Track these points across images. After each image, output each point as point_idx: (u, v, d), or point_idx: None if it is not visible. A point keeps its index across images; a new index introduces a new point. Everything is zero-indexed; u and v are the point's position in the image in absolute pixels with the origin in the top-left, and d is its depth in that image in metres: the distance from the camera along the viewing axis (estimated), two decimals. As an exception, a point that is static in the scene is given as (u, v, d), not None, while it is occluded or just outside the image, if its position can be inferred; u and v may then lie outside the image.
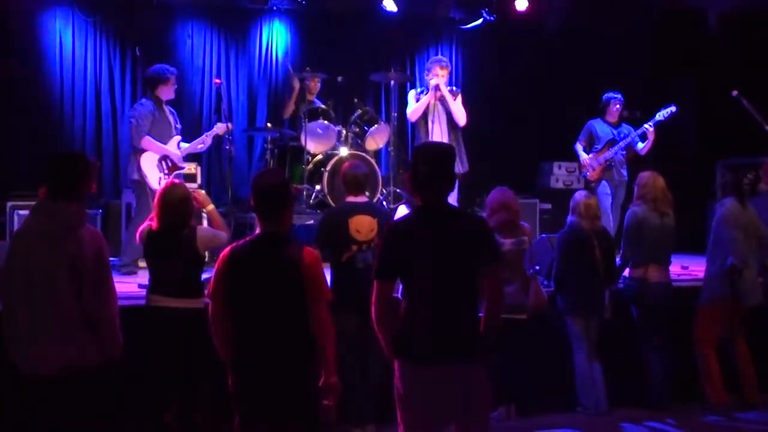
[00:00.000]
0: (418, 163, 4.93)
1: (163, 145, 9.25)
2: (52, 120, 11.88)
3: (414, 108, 10.15)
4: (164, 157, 9.29)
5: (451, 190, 4.96)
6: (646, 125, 10.62)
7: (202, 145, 9.73)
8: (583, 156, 10.92)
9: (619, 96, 10.94)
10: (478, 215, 5.70)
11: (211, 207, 6.90)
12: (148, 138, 9.18)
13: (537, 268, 7.89)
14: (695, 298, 8.32)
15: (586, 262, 7.83)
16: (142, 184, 9.24)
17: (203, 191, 7.09)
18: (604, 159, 10.78)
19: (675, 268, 9.24)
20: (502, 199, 7.40)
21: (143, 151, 9.21)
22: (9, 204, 9.82)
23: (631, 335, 8.23)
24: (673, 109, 10.59)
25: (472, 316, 4.84)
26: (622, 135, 10.82)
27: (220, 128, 9.74)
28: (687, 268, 10.19)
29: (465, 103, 10.29)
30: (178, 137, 9.51)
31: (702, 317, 8.13)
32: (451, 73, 12.92)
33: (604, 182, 10.79)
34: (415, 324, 4.79)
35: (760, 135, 9.83)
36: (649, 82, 12.79)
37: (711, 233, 8.17)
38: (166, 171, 9.25)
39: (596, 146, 10.90)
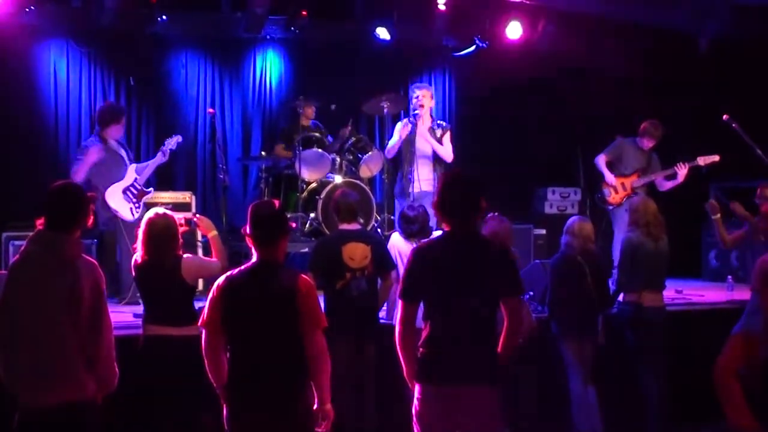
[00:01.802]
0: (445, 189, 5.10)
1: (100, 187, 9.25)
2: (47, 151, 11.88)
3: (389, 146, 10.17)
4: (128, 188, 9.37)
5: (478, 217, 5.12)
6: (680, 164, 10.47)
7: (163, 158, 9.78)
8: (610, 175, 10.72)
9: (659, 126, 10.67)
10: (503, 244, 5.80)
11: (213, 233, 6.83)
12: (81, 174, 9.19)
13: (531, 293, 7.91)
14: (689, 322, 8.34)
15: (578, 287, 7.84)
16: (115, 219, 9.35)
17: (206, 218, 7.04)
18: (631, 185, 10.63)
19: (669, 293, 9.26)
20: (498, 234, 7.37)
21: (105, 187, 9.31)
22: (4, 235, 9.82)
23: (627, 359, 8.24)
24: (716, 158, 10.41)
25: (492, 341, 5.01)
26: (651, 166, 10.69)
27: (170, 143, 9.84)
28: (681, 292, 10.23)
29: (456, 134, 10.25)
30: (134, 165, 9.60)
31: (734, 345, 7.86)
32: (444, 98, 13.08)
33: (624, 208, 10.50)
34: (437, 347, 4.93)
35: (751, 158, 9.87)
36: (641, 105, 12.83)
37: None
38: (134, 200, 9.35)
39: (623, 170, 10.76)
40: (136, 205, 9.41)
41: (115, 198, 9.35)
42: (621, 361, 8.28)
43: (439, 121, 10.28)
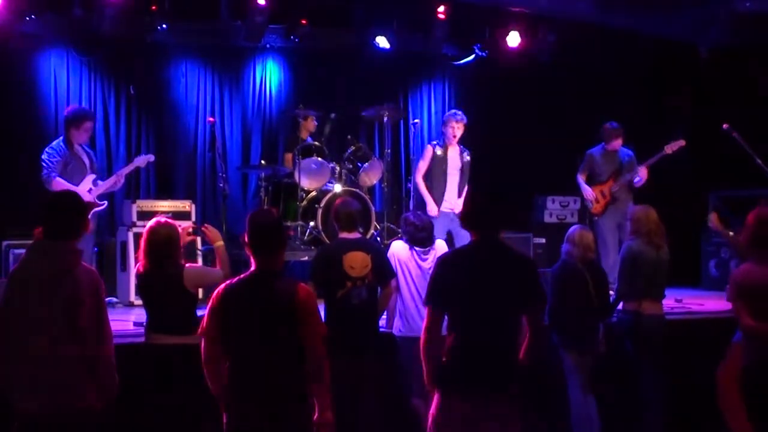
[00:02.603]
0: (474, 200, 5.29)
1: (71, 185, 9.11)
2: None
3: (419, 167, 10.64)
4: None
5: (504, 228, 5.21)
6: (639, 166, 10.77)
7: (115, 184, 9.78)
8: (587, 189, 10.99)
9: (616, 125, 10.99)
10: (527, 255, 5.91)
11: (219, 243, 6.82)
12: (58, 179, 9.18)
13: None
14: (689, 331, 8.33)
15: (579, 295, 7.83)
16: None
17: (213, 228, 7.03)
18: (608, 191, 10.81)
19: (669, 302, 9.26)
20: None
21: None
22: (5, 243, 9.84)
23: (626, 368, 8.24)
24: (682, 143, 10.71)
25: (514, 352, 5.10)
26: (623, 166, 10.87)
27: (140, 161, 9.91)
28: (681, 301, 10.23)
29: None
30: (93, 176, 9.54)
31: (734, 353, 7.85)
32: (444, 107, 13.12)
33: (610, 217, 10.77)
34: (460, 356, 5.01)
35: (751, 167, 9.87)
36: (642, 115, 12.84)
37: None
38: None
39: (599, 176, 10.92)
40: None
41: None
42: (620, 370, 8.26)
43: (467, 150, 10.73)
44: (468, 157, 10.55)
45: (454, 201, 10.25)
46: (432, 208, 10.15)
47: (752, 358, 6.69)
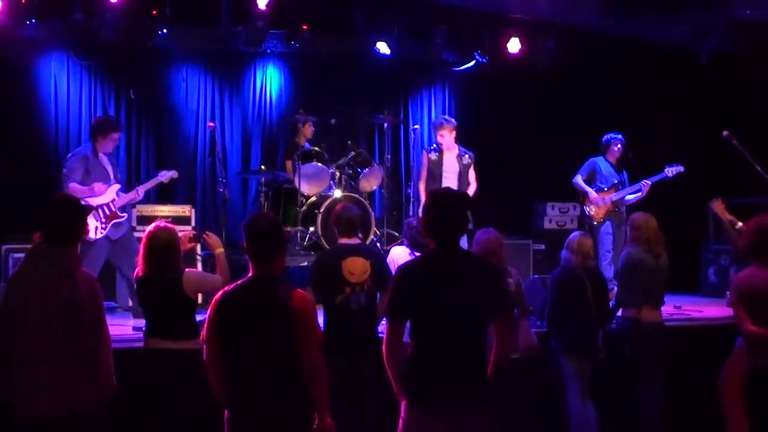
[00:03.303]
0: (432, 207, 5.07)
1: (85, 188, 9.07)
2: (47, 163, 11.88)
3: (420, 175, 10.75)
4: (102, 206, 9.18)
5: (463, 234, 5.06)
6: (644, 181, 10.78)
7: (137, 196, 9.61)
8: (592, 192, 10.96)
9: (620, 137, 11.03)
10: (489, 261, 5.76)
11: (220, 250, 6.84)
12: (73, 184, 9.06)
13: (530, 309, 7.91)
14: (688, 338, 8.33)
15: (578, 302, 7.82)
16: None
17: (214, 235, 7.04)
18: (610, 200, 10.82)
19: (668, 308, 9.27)
20: (488, 247, 7.37)
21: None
22: (4, 247, 9.86)
23: (625, 375, 8.23)
24: (681, 168, 10.73)
25: (480, 360, 4.95)
26: (625, 180, 10.94)
27: (164, 176, 9.78)
28: (680, 308, 10.23)
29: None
30: (117, 185, 9.41)
31: (737, 357, 7.84)
32: (444, 113, 13.13)
33: (607, 222, 10.81)
34: (423, 366, 4.89)
35: (750, 175, 9.87)
36: (642, 122, 12.84)
37: None
38: (103, 220, 9.15)
39: (600, 185, 10.93)
40: (104, 225, 9.15)
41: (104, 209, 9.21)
42: (620, 377, 8.26)
43: (466, 153, 10.76)
44: (468, 160, 10.59)
45: None
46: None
47: (753, 363, 6.72)
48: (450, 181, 10.39)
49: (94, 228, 9.05)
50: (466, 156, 10.61)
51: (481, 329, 4.95)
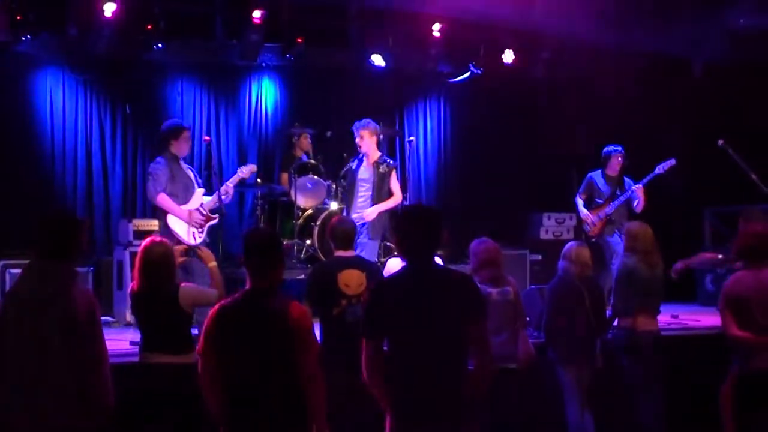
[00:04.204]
0: (403, 224, 5.09)
1: (175, 207, 9.02)
2: (43, 178, 11.91)
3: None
4: (192, 212, 9.12)
5: (437, 250, 5.03)
6: (635, 186, 10.80)
7: (225, 196, 9.53)
8: (584, 211, 11.05)
9: (620, 149, 11.03)
10: (463, 273, 5.74)
11: (213, 264, 6.86)
12: (163, 195, 9.00)
13: (527, 320, 7.91)
14: (685, 347, 8.33)
15: (576, 311, 7.83)
16: (177, 242, 8.78)
17: (206, 248, 7.06)
18: (604, 214, 10.84)
19: (665, 317, 9.28)
20: (487, 257, 7.38)
21: (166, 210, 9.04)
22: (1, 263, 9.83)
23: (623, 385, 8.23)
24: (672, 162, 10.73)
25: (459, 374, 4.91)
26: (620, 191, 10.95)
27: (243, 172, 9.71)
28: (677, 317, 10.24)
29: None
30: (201, 190, 9.36)
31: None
32: (439, 124, 13.09)
33: (609, 237, 10.79)
34: (402, 382, 4.87)
35: (746, 183, 9.89)
36: (636, 131, 12.86)
37: None
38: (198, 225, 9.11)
39: (597, 200, 10.96)
40: (200, 230, 9.14)
41: (178, 222, 9.07)
42: (617, 387, 8.26)
43: (386, 160, 10.35)
44: (386, 168, 10.09)
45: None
46: None
47: (739, 367, 6.78)
48: (364, 189, 10.07)
49: (191, 233, 9.04)
50: (384, 164, 10.13)
51: (458, 343, 4.91)
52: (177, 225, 9.04)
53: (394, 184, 10.13)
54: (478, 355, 5.00)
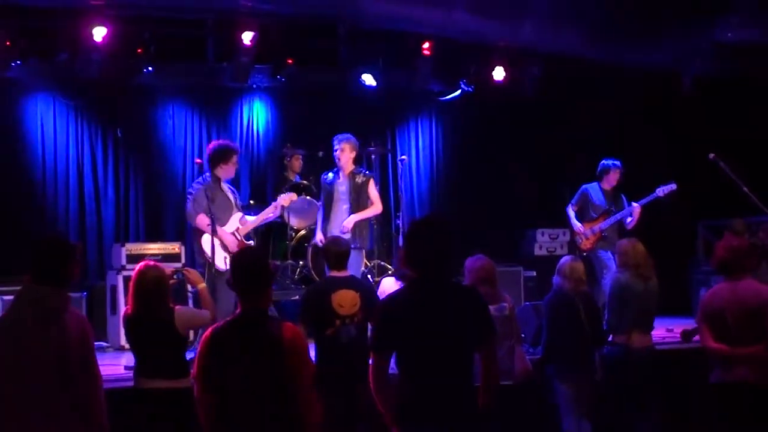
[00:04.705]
0: (413, 237, 5.06)
1: (210, 226, 8.82)
2: (35, 203, 11.91)
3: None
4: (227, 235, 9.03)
5: (447, 264, 5.01)
6: (635, 204, 10.73)
7: (272, 215, 9.57)
8: (576, 223, 10.96)
9: (619, 164, 10.91)
10: (473, 288, 5.74)
11: (202, 285, 6.84)
12: (201, 216, 8.91)
13: (523, 336, 7.90)
14: (680, 361, 8.32)
15: (573, 325, 7.82)
16: (209, 265, 8.83)
17: (194, 270, 7.04)
18: (599, 229, 10.78)
19: (660, 332, 9.27)
20: (483, 274, 7.37)
21: (203, 231, 8.94)
22: (-6, 289, 9.81)
23: (618, 400, 8.21)
24: (673, 187, 10.67)
25: (467, 389, 4.92)
26: (615, 207, 10.88)
27: (284, 199, 9.57)
28: (672, 331, 10.22)
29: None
30: (239, 214, 9.25)
31: None
32: (431, 142, 13.09)
33: (601, 252, 10.75)
34: (411, 397, 4.86)
35: (738, 196, 9.90)
36: (627, 145, 12.88)
37: None
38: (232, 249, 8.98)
39: (591, 214, 10.90)
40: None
41: (211, 244, 8.88)
42: (613, 402, 8.24)
43: (362, 170, 10.37)
44: (363, 178, 10.10)
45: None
46: (318, 236, 10.05)
47: (717, 378, 6.82)
48: (343, 201, 10.04)
49: (223, 259, 8.88)
50: (361, 174, 10.14)
51: (467, 358, 4.92)
52: (210, 248, 8.83)
53: (373, 193, 10.16)
54: (485, 370, 5.01)
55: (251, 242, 9.26)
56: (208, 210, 8.79)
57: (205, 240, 8.87)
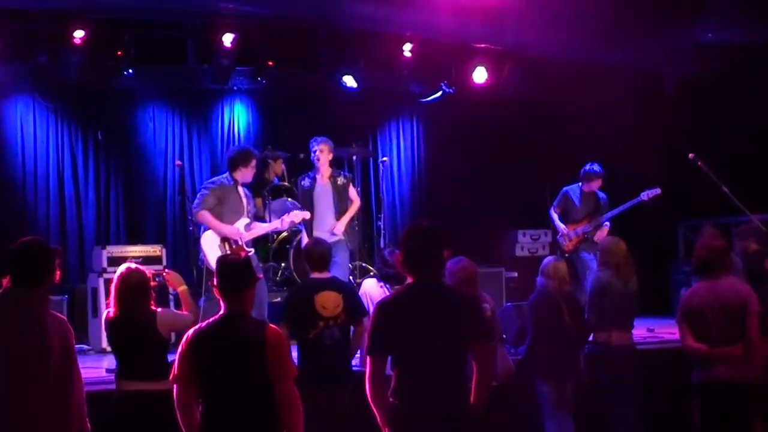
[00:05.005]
0: (409, 240, 5.08)
1: (218, 222, 8.92)
2: (15, 206, 11.87)
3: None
4: (226, 239, 8.98)
5: (442, 267, 5.05)
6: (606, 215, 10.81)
7: (280, 227, 9.57)
8: (560, 225, 11.03)
9: (600, 170, 10.89)
10: (467, 291, 5.79)
11: (182, 288, 6.82)
12: (204, 212, 8.92)
13: (505, 336, 7.91)
14: (662, 360, 8.35)
15: (556, 325, 7.84)
16: (205, 264, 8.88)
17: (174, 272, 7.02)
18: (582, 231, 10.84)
19: (641, 332, 9.29)
20: (464, 275, 7.36)
21: (206, 230, 8.96)
22: (-26, 293, 9.74)
23: (599, 398, 8.23)
24: (658, 191, 10.74)
25: (462, 390, 4.97)
26: (596, 208, 10.93)
27: (296, 216, 9.43)
28: (653, 331, 10.26)
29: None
30: (247, 220, 9.17)
31: None
32: (413, 143, 13.10)
33: (583, 253, 10.78)
34: (406, 398, 4.89)
35: (718, 196, 9.93)
36: (609, 146, 12.91)
37: None
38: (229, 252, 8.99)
39: (573, 215, 10.95)
40: None
41: (212, 243, 8.94)
42: (594, 401, 8.26)
43: (343, 173, 10.46)
44: (344, 180, 10.22)
45: (329, 226, 10.01)
46: (305, 242, 9.87)
47: (698, 377, 6.86)
48: (326, 203, 10.07)
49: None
50: (341, 176, 10.23)
51: (461, 359, 4.97)
52: (209, 249, 8.89)
53: (353, 192, 10.33)
54: (480, 372, 5.05)
55: (251, 250, 9.09)
56: (213, 210, 8.90)
57: (206, 240, 8.95)
